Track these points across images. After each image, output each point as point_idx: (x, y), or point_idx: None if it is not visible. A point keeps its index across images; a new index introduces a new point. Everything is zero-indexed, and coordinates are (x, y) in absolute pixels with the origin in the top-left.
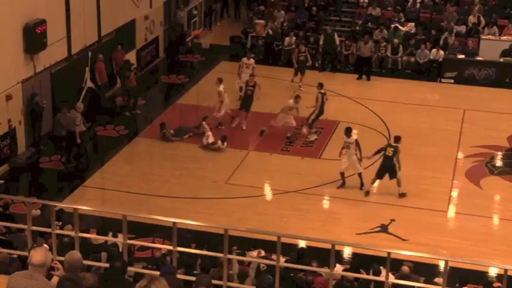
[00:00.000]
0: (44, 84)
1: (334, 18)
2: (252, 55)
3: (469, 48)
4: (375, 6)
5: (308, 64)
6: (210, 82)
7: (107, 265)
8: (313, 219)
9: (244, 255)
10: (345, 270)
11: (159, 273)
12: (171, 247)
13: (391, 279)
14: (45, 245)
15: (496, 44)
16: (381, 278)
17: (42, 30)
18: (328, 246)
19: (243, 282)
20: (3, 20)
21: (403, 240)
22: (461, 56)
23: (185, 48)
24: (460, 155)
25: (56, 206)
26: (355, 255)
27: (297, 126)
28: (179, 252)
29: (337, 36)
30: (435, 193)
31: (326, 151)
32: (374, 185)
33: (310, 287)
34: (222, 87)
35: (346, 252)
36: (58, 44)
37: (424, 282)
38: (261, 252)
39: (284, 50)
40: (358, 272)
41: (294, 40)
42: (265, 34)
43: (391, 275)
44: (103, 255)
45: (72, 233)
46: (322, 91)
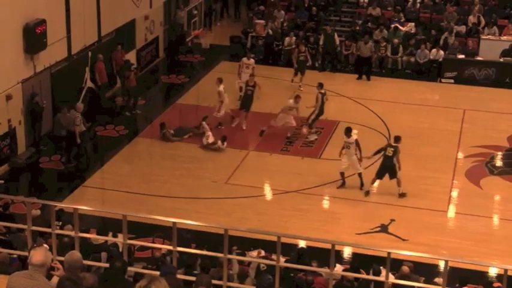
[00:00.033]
0: (44, 84)
1: (334, 18)
2: (252, 55)
3: (469, 48)
4: (375, 6)
5: (308, 64)
6: (210, 82)
7: (107, 265)
8: (313, 219)
9: (244, 255)
10: (345, 270)
11: (159, 273)
12: (171, 247)
13: (391, 279)
14: (45, 245)
15: (496, 44)
16: (381, 278)
17: (42, 30)
18: (328, 246)
19: (243, 282)
20: (3, 20)
21: (403, 240)
22: (461, 56)
23: (185, 48)
24: (460, 155)
25: (56, 206)
26: (355, 255)
27: (297, 126)
28: (179, 252)
29: (337, 36)
30: (435, 193)
31: (326, 151)
32: (374, 185)
33: (310, 287)
34: (222, 87)
35: (346, 252)
36: (58, 44)
37: (424, 282)
38: (261, 252)
39: (284, 50)
40: (358, 272)
41: (293, 40)
42: (265, 34)
43: (391, 275)
44: (103, 255)
45: (72, 233)
46: (322, 91)
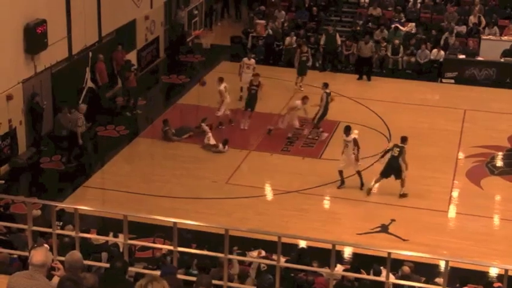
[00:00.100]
0: (44, 84)
1: (334, 19)
2: (253, 55)
3: (469, 48)
4: (375, 7)
5: (308, 64)
6: (211, 82)
7: (107, 265)
8: (314, 220)
9: (245, 255)
10: (346, 270)
11: (159, 273)
12: (171, 247)
13: (392, 279)
14: (46, 245)
15: (497, 44)
16: (382, 278)
17: (42, 31)
18: (329, 246)
19: (243, 283)
20: (4, 20)
21: (404, 240)
22: (462, 56)
23: (186, 48)
24: (461, 155)
25: (56, 206)
26: (355, 255)
27: (299, 126)
28: (179, 252)
29: (338, 37)
30: (436, 193)
31: (327, 151)
32: (377, 184)
33: (310, 287)
34: (223, 86)
35: (347, 252)
36: (59, 44)
37: (424, 283)
38: (261, 252)
39: (285, 49)
40: (359, 272)
41: (294, 39)
42: (265, 34)
43: (392, 275)
44: (104, 255)
45: (72, 233)
46: (327, 91)
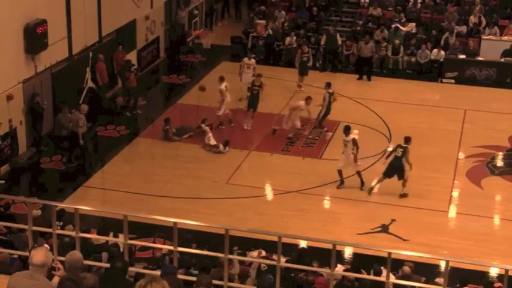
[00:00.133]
0: (44, 84)
1: (335, 19)
2: (253, 55)
3: (469, 48)
4: (375, 7)
5: (309, 64)
6: (211, 82)
7: (107, 265)
8: (314, 220)
9: (245, 255)
10: (346, 270)
11: (159, 273)
12: (171, 247)
13: (392, 279)
14: (46, 245)
15: (497, 44)
16: (382, 278)
17: (43, 31)
18: (329, 246)
19: (244, 283)
20: (4, 20)
21: (404, 240)
22: (462, 56)
23: (186, 48)
24: (461, 155)
25: (56, 206)
26: (356, 255)
27: (301, 127)
28: (179, 252)
29: (339, 37)
30: (436, 193)
31: (327, 151)
32: (378, 184)
33: (311, 287)
34: (223, 85)
35: (347, 252)
36: (59, 44)
37: (424, 283)
38: (261, 252)
39: (285, 49)
40: (359, 272)
41: (294, 39)
42: (266, 34)
43: (392, 275)
44: (104, 255)
45: (73, 233)
46: (330, 91)
